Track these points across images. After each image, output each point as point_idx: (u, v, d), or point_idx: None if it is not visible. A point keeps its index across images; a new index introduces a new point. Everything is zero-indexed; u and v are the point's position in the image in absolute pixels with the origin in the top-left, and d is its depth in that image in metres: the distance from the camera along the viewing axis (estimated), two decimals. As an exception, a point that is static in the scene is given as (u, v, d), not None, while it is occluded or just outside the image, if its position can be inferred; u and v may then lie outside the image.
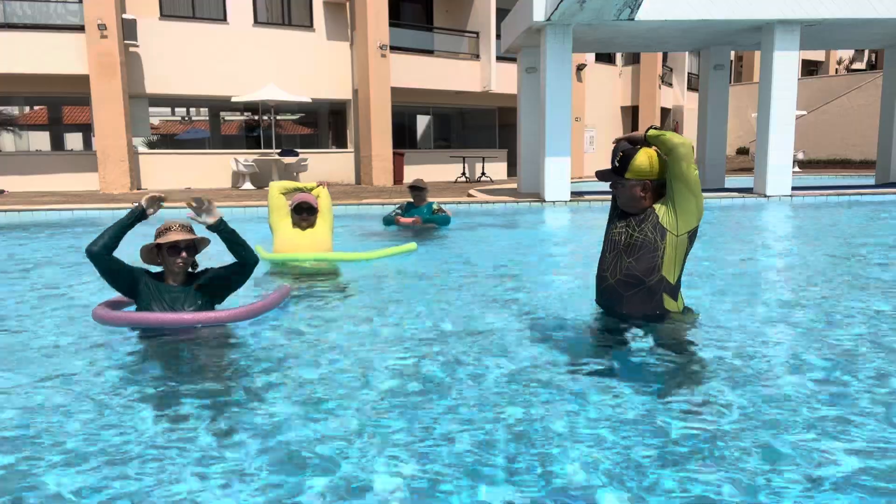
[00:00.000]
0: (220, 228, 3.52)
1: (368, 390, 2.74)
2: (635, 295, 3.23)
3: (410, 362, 3.10)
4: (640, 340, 3.18)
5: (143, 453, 2.19)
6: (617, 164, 3.30)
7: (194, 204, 3.48)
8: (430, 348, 3.31)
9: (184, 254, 3.45)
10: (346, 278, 5.20)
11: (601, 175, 3.42)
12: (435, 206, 8.38)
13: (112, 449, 2.22)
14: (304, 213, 5.54)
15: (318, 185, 5.86)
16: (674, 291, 3.32)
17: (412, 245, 6.08)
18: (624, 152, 3.30)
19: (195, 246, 3.55)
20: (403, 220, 8.06)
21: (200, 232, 3.69)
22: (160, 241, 3.42)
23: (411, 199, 8.49)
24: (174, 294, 3.49)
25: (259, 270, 5.33)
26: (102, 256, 3.42)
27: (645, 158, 3.25)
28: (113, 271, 3.46)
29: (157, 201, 3.50)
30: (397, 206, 8.66)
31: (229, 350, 3.35)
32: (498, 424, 2.36)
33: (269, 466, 2.09)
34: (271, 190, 5.69)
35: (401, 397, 2.66)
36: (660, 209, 3.24)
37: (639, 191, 3.26)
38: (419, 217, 8.12)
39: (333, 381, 2.87)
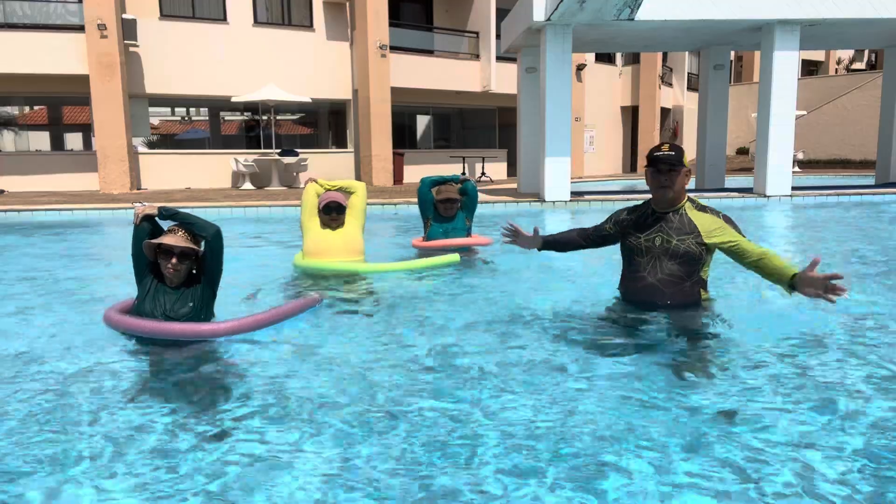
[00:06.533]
0: (164, 214, 3.56)
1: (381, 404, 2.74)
2: (678, 291, 3.50)
3: (423, 378, 3.10)
4: (675, 330, 3.44)
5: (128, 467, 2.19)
6: (672, 154, 3.42)
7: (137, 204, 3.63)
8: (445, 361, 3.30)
9: (174, 259, 3.40)
10: (377, 287, 4.93)
11: (664, 160, 3.41)
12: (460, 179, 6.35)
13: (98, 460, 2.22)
14: (333, 213, 5.30)
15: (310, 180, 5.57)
16: (706, 284, 3.65)
17: (455, 256, 5.40)
18: (670, 146, 3.47)
19: (191, 255, 3.48)
20: (427, 244, 6.19)
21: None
22: (155, 240, 3.44)
23: (443, 202, 6.16)
24: (168, 294, 3.47)
25: (290, 274, 5.36)
26: (134, 248, 3.57)
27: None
28: (136, 258, 3.58)
29: (140, 216, 3.56)
30: (460, 174, 6.61)
31: (226, 362, 3.34)
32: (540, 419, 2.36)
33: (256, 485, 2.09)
34: (307, 189, 5.45)
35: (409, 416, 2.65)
36: (711, 238, 3.42)
37: (687, 179, 3.52)
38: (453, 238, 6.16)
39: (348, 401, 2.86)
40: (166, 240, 3.39)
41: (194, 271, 3.59)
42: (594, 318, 3.77)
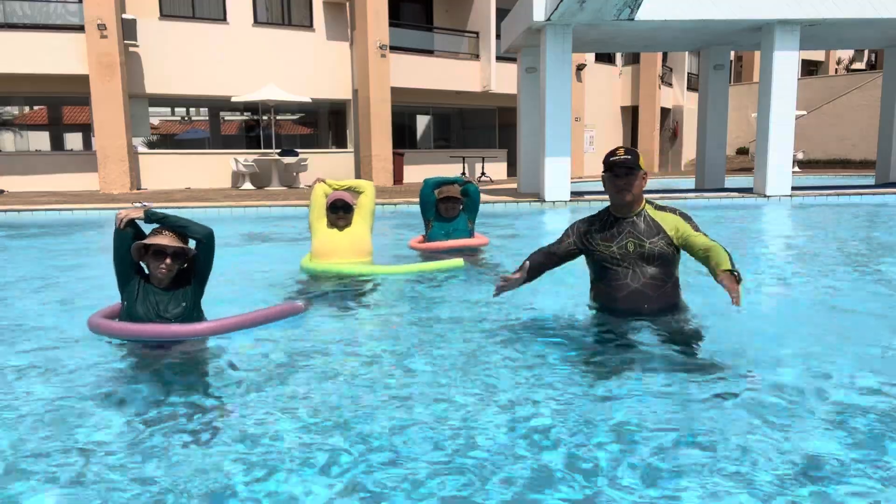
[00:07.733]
0: (151, 219, 3.45)
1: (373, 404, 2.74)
2: (662, 294, 3.50)
3: (417, 378, 3.10)
4: (662, 333, 3.40)
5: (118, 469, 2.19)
6: (629, 158, 3.46)
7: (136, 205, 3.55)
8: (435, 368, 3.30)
9: (168, 260, 3.38)
10: (379, 289, 4.91)
11: (621, 164, 3.45)
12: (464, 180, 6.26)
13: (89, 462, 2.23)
14: (339, 212, 5.29)
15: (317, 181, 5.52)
16: (679, 284, 3.67)
17: (458, 261, 5.26)
18: (625, 150, 3.51)
19: (182, 255, 3.46)
20: (424, 245, 6.17)
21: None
22: (147, 241, 3.38)
23: (445, 200, 6.09)
24: (159, 296, 3.44)
25: (290, 275, 5.34)
26: (118, 251, 3.48)
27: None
28: (120, 261, 3.48)
29: (124, 220, 3.44)
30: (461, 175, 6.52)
31: (223, 361, 3.33)
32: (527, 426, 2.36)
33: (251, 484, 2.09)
34: (316, 189, 5.43)
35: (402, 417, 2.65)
36: (674, 233, 3.44)
37: (644, 182, 3.51)
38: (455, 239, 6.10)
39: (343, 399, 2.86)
40: (158, 240, 3.35)
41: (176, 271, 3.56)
42: (583, 329, 3.66)
